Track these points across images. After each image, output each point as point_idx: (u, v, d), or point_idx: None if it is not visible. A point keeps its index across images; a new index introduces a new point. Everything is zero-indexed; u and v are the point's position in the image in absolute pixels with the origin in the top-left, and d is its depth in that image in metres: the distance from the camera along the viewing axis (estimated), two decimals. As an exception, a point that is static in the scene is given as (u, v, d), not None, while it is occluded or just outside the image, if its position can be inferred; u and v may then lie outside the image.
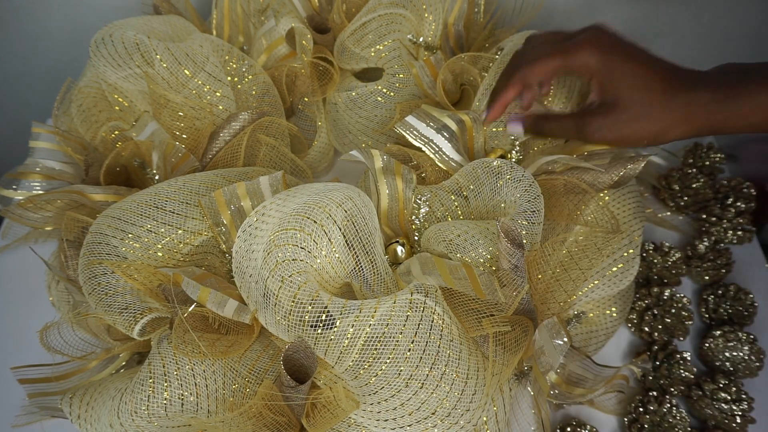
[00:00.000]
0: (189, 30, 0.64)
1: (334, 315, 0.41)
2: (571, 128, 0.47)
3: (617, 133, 0.44)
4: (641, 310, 0.55)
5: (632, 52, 0.44)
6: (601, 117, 0.45)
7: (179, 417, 0.43)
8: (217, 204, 0.49)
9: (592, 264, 0.50)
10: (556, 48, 0.45)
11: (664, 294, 0.55)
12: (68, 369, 0.52)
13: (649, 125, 0.43)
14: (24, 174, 0.58)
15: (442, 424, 0.40)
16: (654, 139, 0.44)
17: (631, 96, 0.43)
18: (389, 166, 0.53)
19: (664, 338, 0.54)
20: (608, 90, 0.44)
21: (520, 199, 0.47)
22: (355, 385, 0.42)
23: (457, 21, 0.65)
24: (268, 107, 0.62)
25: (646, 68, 0.43)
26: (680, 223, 0.63)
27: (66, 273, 0.52)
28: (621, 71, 0.43)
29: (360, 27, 0.62)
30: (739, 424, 0.49)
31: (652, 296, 0.55)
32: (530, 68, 0.46)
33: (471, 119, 0.56)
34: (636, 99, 0.43)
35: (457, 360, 0.42)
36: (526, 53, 0.48)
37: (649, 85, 0.43)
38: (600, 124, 0.45)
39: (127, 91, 0.61)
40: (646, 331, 0.55)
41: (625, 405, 0.51)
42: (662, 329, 0.54)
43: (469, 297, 0.44)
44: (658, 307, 0.55)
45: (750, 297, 0.55)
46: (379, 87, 0.64)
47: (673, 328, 0.54)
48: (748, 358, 0.52)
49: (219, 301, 0.44)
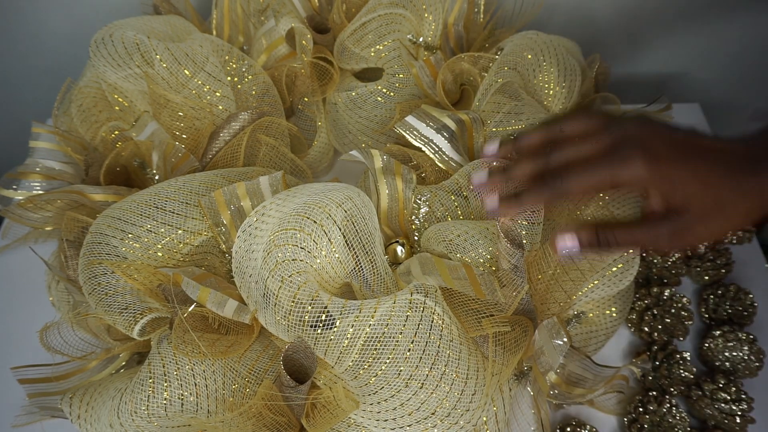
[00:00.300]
0: (189, 30, 0.64)
1: (333, 315, 0.41)
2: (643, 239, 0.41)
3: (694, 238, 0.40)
4: (641, 310, 0.55)
5: (686, 150, 0.39)
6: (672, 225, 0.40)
7: (179, 417, 0.43)
8: (216, 204, 0.49)
9: (591, 265, 0.49)
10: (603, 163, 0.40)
11: (664, 294, 0.55)
12: (68, 369, 0.52)
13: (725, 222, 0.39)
14: (24, 174, 0.58)
15: (442, 424, 0.40)
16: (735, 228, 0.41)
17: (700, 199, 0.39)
18: (389, 166, 0.53)
19: (663, 338, 0.54)
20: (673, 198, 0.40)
21: (520, 199, 0.47)
22: (355, 385, 0.42)
23: (457, 21, 0.65)
24: (268, 107, 0.62)
25: (704, 164, 0.39)
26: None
27: (66, 273, 0.52)
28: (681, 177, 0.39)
29: (360, 27, 0.62)
30: (739, 424, 0.49)
31: (652, 296, 0.55)
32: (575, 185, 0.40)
33: (471, 119, 0.56)
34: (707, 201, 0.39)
35: (456, 360, 0.42)
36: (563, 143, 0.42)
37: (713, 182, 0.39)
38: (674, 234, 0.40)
39: (127, 91, 0.61)
40: (646, 331, 0.54)
41: (625, 405, 0.51)
42: (662, 329, 0.54)
43: (469, 297, 0.44)
44: (658, 307, 0.55)
45: (750, 297, 0.55)
46: (379, 87, 0.64)
47: (673, 328, 0.54)
48: (747, 358, 0.52)
49: (219, 301, 0.44)
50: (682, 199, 0.39)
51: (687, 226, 0.40)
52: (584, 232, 0.42)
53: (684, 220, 0.40)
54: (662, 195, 0.40)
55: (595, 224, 0.42)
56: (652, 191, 0.41)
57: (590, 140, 0.41)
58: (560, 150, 0.41)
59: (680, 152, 0.39)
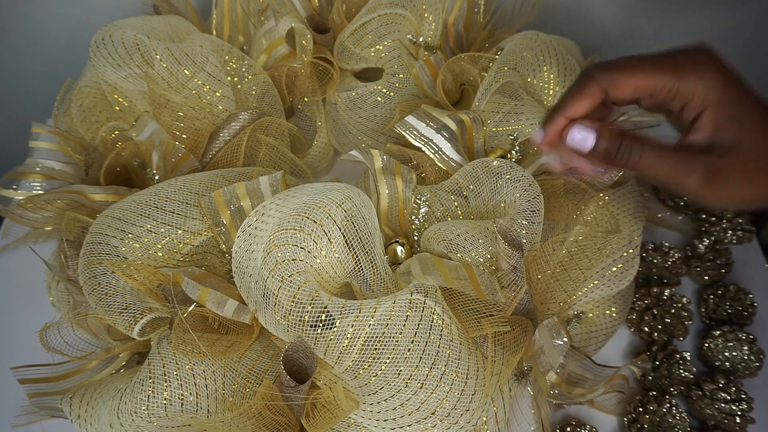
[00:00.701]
0: (189, 30, 0.64)
1: (333, 315, 0.41)
2: (672, 167, 0.34)
3: (728, 191, 0.34)
4: (641, 310, 0.55)
5: (752, 90, 0.34)
6: (711, 162, 0.34)
7: (179, 417, 0.43)
8: (216, 204, 0.49)
9: (592, 264, 0.49)
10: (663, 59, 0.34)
11: (663, 294, 0.55)
12: (68, 369, 0.52)
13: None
14: (24, 174, 0.58)
15: (442, 424, 0.40)
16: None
17: (755, 142, 0.33)
18: (389, 166, 0.53)
19: (663, 338, 0.54)
20: (727, 129, 0.34)
21: (520, 199, 0.47)
22: (355, 385, 0.42)
23: (457, 21, 0.65)
24: (268, 107, 0.62)
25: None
26: (680, 223, 0.63)
27: (66, 273, 0.52)
28: (747, 109, 0.33)
29: (360, 27, 0.62)
30: (739, 424, 0.49)
31: (651, 296, 0.55)
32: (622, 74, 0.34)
33: (471, 119, 0.56)
34: (760, 151, 0.33)
35: (456, 360, 0.42)
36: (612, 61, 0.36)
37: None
38: (709, 175, 0.34)
39: (127, 91, 0.61)
40: (646, 331, 0.55)
41: (625, 405, 0.51)
42: (662, 329, 0.54)
43: (469, 297, 0.44)
44: (658, 307, 0.55)
45: (750, 297, 0.55)
46: (379, 87, 0.64)
47: (673, 328, 0.54)
48: (747, 358, 0.52)
49: (219, 301, 0.44)
50: (735, 135, 0.33)
51: (727, 171, 0.34)
52: (607, 134, 0.35)
53: (726, 163, 0.34)
54: (715, 121, 0.34)
55: (622, 131, 0.35)
56: (707, 114, 0.34)
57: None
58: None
59: (751, 89, 0.34)
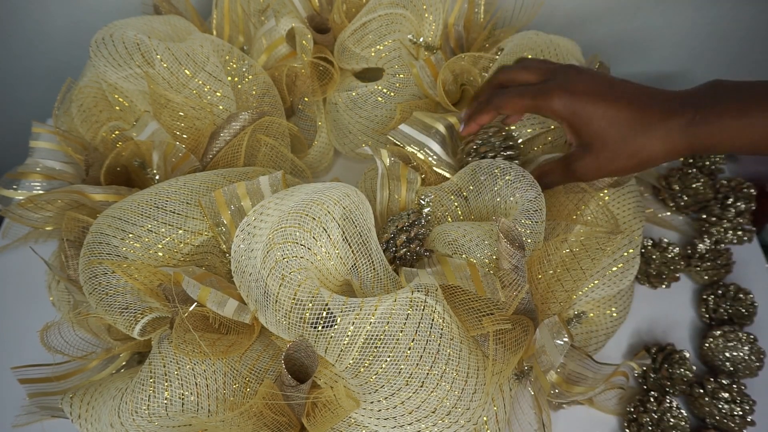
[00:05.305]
0: (189, 30, 0.64)
1: (334, 312, 0.41)
2: (562, 173, 0.48)
3: (601, 171, 0.46)
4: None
5: (603, 92, 0.45)
6: (582, 158, 0.46)
7: (180, 416, 0.43)
8: (217, 204, 0.49)
9: (594, 263, 0.50)
10: (529, 90, 0.47)
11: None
12: (68, 369, 0.52)
13: (628, 159, 0.44)
14: (24, 174, 0.58)
15: (442, 423, 0.40)
16: (636, 169, 0.46)
17: (604, 135, 0.44)
18: (394, 166, 0.54)
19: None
20: (581, 133, 0.45)
21: (522, 199, 0.47)
22: (356, 384, 0.42)
23: (457, 21, 0.65)
24: (268, 107, 0.62)
25: (616, 106, 0.44)
26: (680, 223, 0.63)
27: (66, 273, 0.52)
28: (588, 114, 0.44)
29: (360, 27, 0.62)
30: (739, 424, 0.49)
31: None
32: (505, 101, 0.48)
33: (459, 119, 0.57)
34: (609, 137, 0.44)
35: (457, 359, 0.42)
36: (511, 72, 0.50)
37: (620, 121, 0.44)
38: (583, 165, 0.46)
39: (128, 91, 0.61)
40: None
41: (625, 404, 0.51)
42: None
43: (470, 296, 0.44)
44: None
45: (750, 297, 0.55)
46: (379, 87, 0.64)
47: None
48: (748, 358, 0.52)
49: (219, 300, 0.44)
50: (588, 135, 0.45)
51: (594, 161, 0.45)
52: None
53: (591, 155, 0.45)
54: (572, 129, 0.46)
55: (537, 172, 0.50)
56: (564, 125, 0.47)
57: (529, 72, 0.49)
58: (506, 76, 0.50)
59: (598, 94, 0.45)
